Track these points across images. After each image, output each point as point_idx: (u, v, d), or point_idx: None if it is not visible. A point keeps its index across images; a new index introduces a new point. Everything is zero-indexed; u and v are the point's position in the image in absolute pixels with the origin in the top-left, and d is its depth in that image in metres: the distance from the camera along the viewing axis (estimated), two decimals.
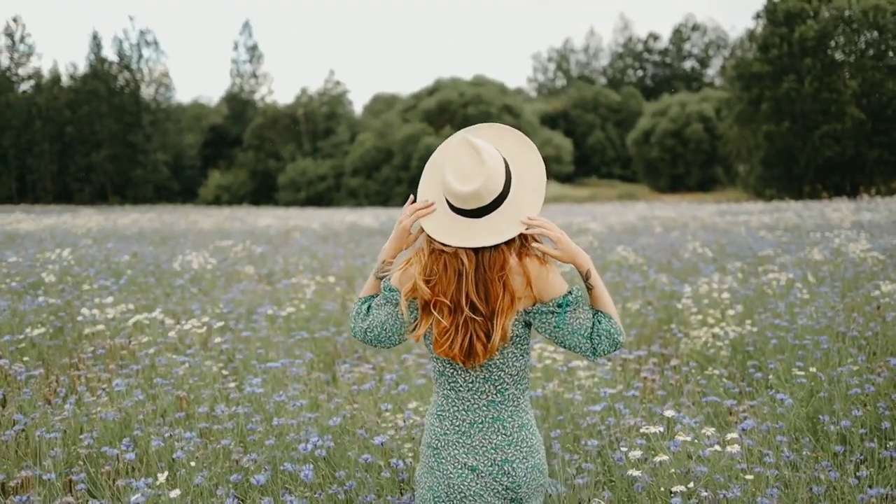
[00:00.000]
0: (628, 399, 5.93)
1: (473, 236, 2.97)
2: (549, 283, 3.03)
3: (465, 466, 3.07)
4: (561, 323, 3.02)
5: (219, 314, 9.31)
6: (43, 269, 11.39)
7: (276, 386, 6.37)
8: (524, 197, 3.04)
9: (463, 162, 2.96)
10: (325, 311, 9.66)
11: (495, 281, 2.98)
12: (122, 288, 10.92)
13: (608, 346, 3.05)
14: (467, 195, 2.95)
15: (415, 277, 3.05)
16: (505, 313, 2.97)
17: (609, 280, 11.08)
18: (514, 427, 3.09)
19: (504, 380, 3.08)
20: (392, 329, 3.17)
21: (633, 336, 8.41)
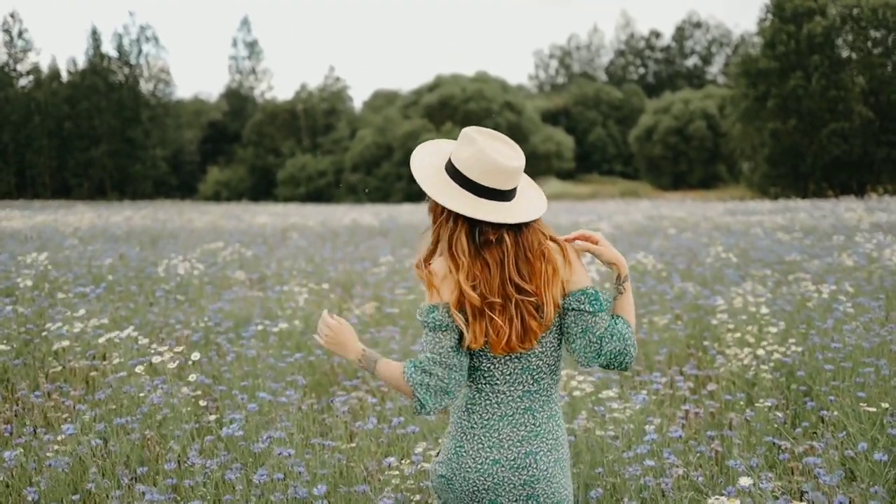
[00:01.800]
0: (672, 440, 5.09)
1: (516, 213, 2.97)
2: (580, 268, 3.03)
3: (488, 459, 3.01)
4: (588, 323, 2.97)
5: (204, 327, 8.46)
6: (19, 274, 10.53)
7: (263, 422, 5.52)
8: (527, 188, 3.13)
9: (497, 144, 3.00)
10: None
11: (536, 256, 2.96)
12: (101, 296, 10.07)
13: (617, 350, 2.98)
14: (514, 169, 2.96)
15: (459, 285, 2.95)
16: (550, 283, 2.96)
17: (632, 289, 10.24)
18: (543, 417, 3.05)
19: (542, 369, 3.04)
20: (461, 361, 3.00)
21: (664, 354, 7.56)
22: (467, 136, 3.03)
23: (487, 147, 2.98)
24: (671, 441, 5.12)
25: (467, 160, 2.99)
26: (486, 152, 2.96)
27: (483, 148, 2.97)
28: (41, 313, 8.97)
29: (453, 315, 2.94)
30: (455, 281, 2.96)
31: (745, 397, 6.31)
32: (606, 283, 10.25)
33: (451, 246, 2.98)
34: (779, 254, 13.63)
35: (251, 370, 6.74)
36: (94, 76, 77.23)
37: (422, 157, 3.16)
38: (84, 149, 76.19)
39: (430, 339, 2.98)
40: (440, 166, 3.09)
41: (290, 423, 5.17)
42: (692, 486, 4.68)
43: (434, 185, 3.03)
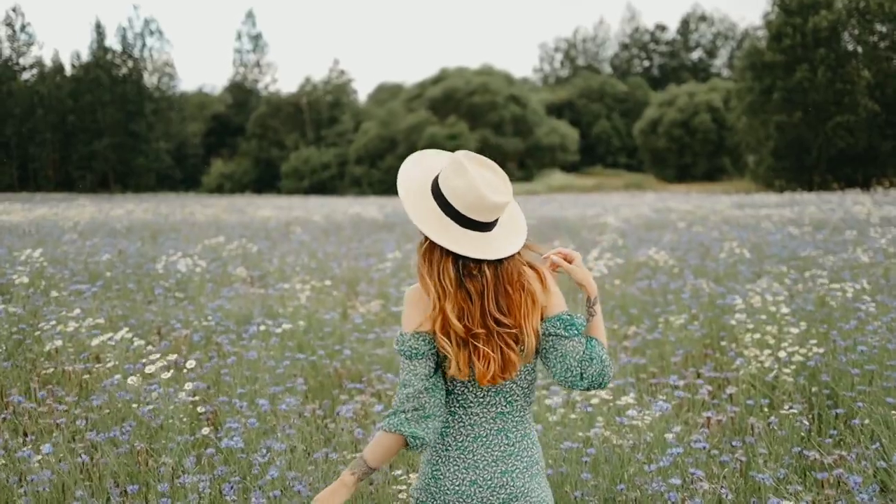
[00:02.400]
0: (695, 451, 4.81)
1: (496, 248, 2.97)
2: (557, 292, 3.06)
3: (465, 481, 3.01)
4: (566, 348, 2.99)
5: (204, 326, 8.17)
6: (13, 270, 10.24)
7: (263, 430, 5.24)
8: (512, 208, 3.12)
9: (487, 175, 2.98)
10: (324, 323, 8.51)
11: (515, 289, 2.96)
12: (97, 294, 9.78)
13: (597, 372, 3.00)
14: (500, 205, 2.95)
15: (445, 313, 2.93)
16: (530, 315, 2.96)
17: (645, 287, 9.92)
18: (516, 437, 3.07)
19: (515, 392, 3.05)
20: (438, 384, 3.01)
21: (680, 356, 7.27)
22: (459, 165, 2.98)
23: (478, 180, 2.94)
24: (693, 451, 4.84)
25: (455, 190, 2.96)
26: (476, 186, 2.93)
27: (473, 181, 2.94)
28: (35, 312, 8.70)
29: (439, 341, 2.95)
30: (440, 308, 2.95)
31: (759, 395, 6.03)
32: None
33: (438, 274, 2.97)
34: (792, 249, 13.33)
35: (251, 374, 6.45)
36: (98, 69, 77.16)
37: (408, 177, 3.10)
38: (87, 142, 76.11)
39: (408, 368, 2.98)
40: (426, 187, 3.06)
41: (292, 430, 4.90)
42: (719, 502, 4.41)
43: (419, 214, 3.00)
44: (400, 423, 2.94)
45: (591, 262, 10.63)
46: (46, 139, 75.51)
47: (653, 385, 6.53)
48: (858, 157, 53.59)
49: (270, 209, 30.24)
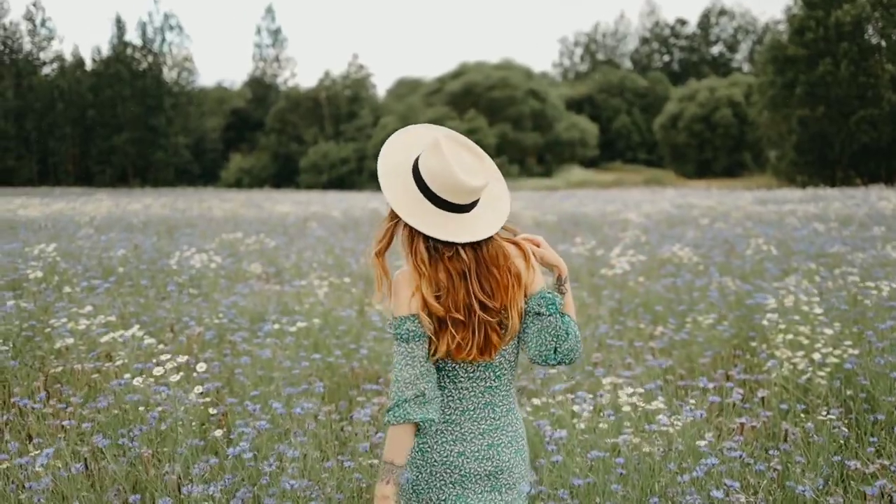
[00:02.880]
0: (728, 459, 4.56)
1: (473, 230, 2.95)
2: (538, 268, 3.08)
3: (453, 452, 3.04)
4: (544, 325, 3.02)
5: (217, 324, 7.96)
6: (26, 265, 10.07)
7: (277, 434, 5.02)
8: (495, 188, 3.08)
9: (465, 158, 2.94)
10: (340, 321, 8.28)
11: (502, 272, 2.98)
12: (110, 290, 9.57)
13: (570, 348, 3.03)
14: (475, 189, 2.92)
15: (422, 293, 2.94)
16: (515, 297, 2.98)
17: (669, 284, 9.65)
18: (502, 411, 3.09)
19: (503, 366, 3.08)
20: (432, 367, 3.01)
21: (709, 357, 7.01)
22: (436, 146, 2.95)
23: (452, 161, 2.91)
24: (727, 460, 4.59)
25: (430, 171, 2.94)
26: (450, 167, 2.90)
27: (447, 162, 2.91)
28: (46, 308, 8.51)
29: (422, 320, 2.94)
30: (417, 287, 2.96)
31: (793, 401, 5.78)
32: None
33: (411, 254, 2.99)
34: (819, 245, 13.03)
35: (265, 374, 6.24)
36: (118, 64, 77.44)
37: (392, 149, 3.08)
38: (107, 136, 76.38)
39: (404, 352, 2.96)
40: (407, 165, 3.03)
41: (306, 437, 4.68)
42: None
43: (392, 188, 2.99)
44: (407, 412, 2.92)
45: (613, 258, 10.39)
46: (66, 134, 75.89)
47: (681, 388, 6.28)
48: (882, 151, 52.96)
49: (289, 204, 30.03)
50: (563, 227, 17.95)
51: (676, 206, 25.30)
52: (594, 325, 7.98)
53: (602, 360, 6.76)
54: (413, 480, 3.06)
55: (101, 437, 4.77)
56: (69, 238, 15.01)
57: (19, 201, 29.11)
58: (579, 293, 9.27)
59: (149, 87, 77.60)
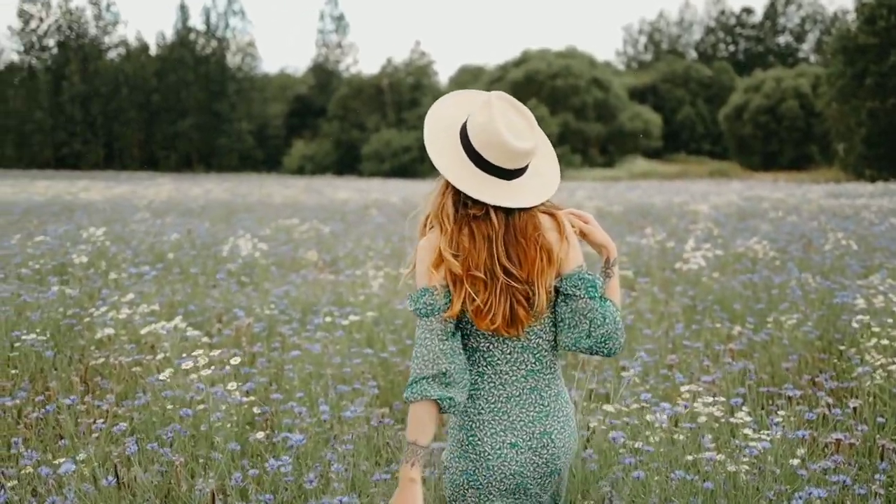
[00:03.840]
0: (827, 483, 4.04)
1: (513, 196, 2.81)
2: (575, 244, 2.90)
3: (505, 444, 2.89)
4: (580, 307, 2.85)
5: (267, 315, 7.56)
6: (75, 250, 9.77)
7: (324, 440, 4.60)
8: (542, 164, 2.96)
9: (514, 120, 2.82)
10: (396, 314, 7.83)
11: (529, 243, 2.83)
12: (158, 277, 9.22)
13: (606, 334, 2.86)
14: (522, 152, 2.81)
15: (440, 251, 2.79)
16: (544, 273, 2.82)
17: (746, 281, 9.06)
18: (550, 396, 2.96)
19: (543, 346, 2.94)
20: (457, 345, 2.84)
21: (794, 361, 6.46)
22: (486, 102, 2.85)
23: (499, 120, 2.79)
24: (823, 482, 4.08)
25: (476, 127, 2.83)
26: (496, 126, 2.79)
27: (494, 120, 2.79)
28: (91, 295, 8.19)
29: (439, 290, 2.79)
30: (437, 250, 2.82)
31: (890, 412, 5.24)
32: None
33: (437, 208, 2.87)
34: None
35: (314, 370, 5.81)
36: (182, 49, 78.26)
37: (442, 105, 3.01)
38: (171, 121, 77.27)
39: (424, 327, 2.82)
40: (456, 123, 2.93)
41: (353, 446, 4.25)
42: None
43: (436, 142, 2.89)
44: (424, 389, 2.75)
45: (688, 252, 9.84)
46: (131, 118, 76.83)
47: (763, 394, 5.75)
48: None
49: (349, 191, 29.72)
50: (630, 218, 17.37)
51: (745, 199, 24.56)
52: (667, 323, 7.45)
53: (677, 362, 6.25)
54: (468, 474, 2.90)
55: (133, 441, 4.39)
56: (124, 222, 14.78)
57: (82, 184, 29.15)
58: (650, 289, 8.74)
59: (212, 73, 78.31)
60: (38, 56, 79.36)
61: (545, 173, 2.96)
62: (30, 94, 76.87)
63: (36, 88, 77.04)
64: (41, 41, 79.32)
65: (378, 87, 78.09)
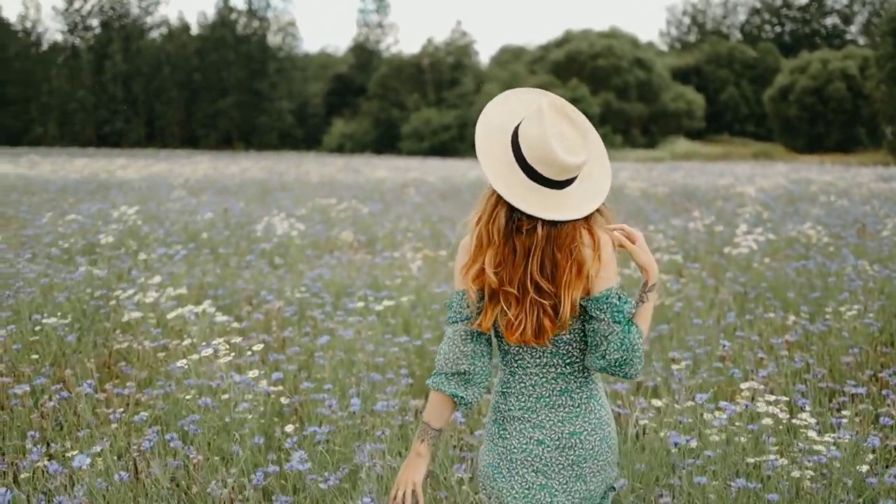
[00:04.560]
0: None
1: (560, 208, 2.78)
2: (608, 263, 2.82)
3: (532, 440, 2.91)
4: (602, 329, 2.81)
5: (299, 298, 7.26)
6: (105, 229, 9.54)
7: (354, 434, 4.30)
8: (595, 168, 2.89)
9: (565, 131, 2.77)
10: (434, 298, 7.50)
11: (564, 254, 2.80)
12: (189, 257, 8.93)
13: (620, 360, 2.81)
14: (573, 167, 2.76)
15: (482, 264, 2.81)
16: (572, 285, 2.78)
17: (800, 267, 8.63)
18: (582, 398, 2.93)
19: (572, 353, 2.91)
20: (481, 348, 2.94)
21: (855, 354, 6.07)
22: (539, 114, 2.79)
23: (551, 134, 2.75)
24: None
25: (528, 139, 2.79)
26: (547, 140, 2.75)
27: (546, 134, 2.75)
28: (120, 276, 7.94)
29: (470, 296, 2.85)
30: (478, 256, 2.85)
31: None
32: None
33: (489, 220, 2.84)
34: None
35: (346, 358, 5.50)
36: (223, 29, 78.36)
37: (495, 111, 2.94)
38: (212, 100, 77.38)
39: (450, 331, 2.93)
40: (508, 129, 2.88)
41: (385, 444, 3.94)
42: None
43: (487, 152, 2.86)
44: (440, 383, 2.92)
45: (739, 236, 9.43)
46: (173, 97, 77.17)
47: (822, 390, 5.37)
48: None
49: (387, 170, 29.37)
50: (675, 200, 16.91)
51: (792, 182, 23.97)
52: (718, 311, 7.06)
53: (730, 353, 5.88)
54: (493, 466, 2.96)
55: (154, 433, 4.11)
56: (159, 200, 14.56)
57: (119, 162, 29.04)
58: (699, 274, 8.35)
59: (253, 52, 78.35)
60: (81, 36, 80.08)
61: (596, 178, 2.90)
62: (73, 73, 77.57)
63: (79, 68, 77.74)
64: (84, 21, 80.00)
65: (418, 66, 77.70)
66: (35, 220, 11.29)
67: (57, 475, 3.56)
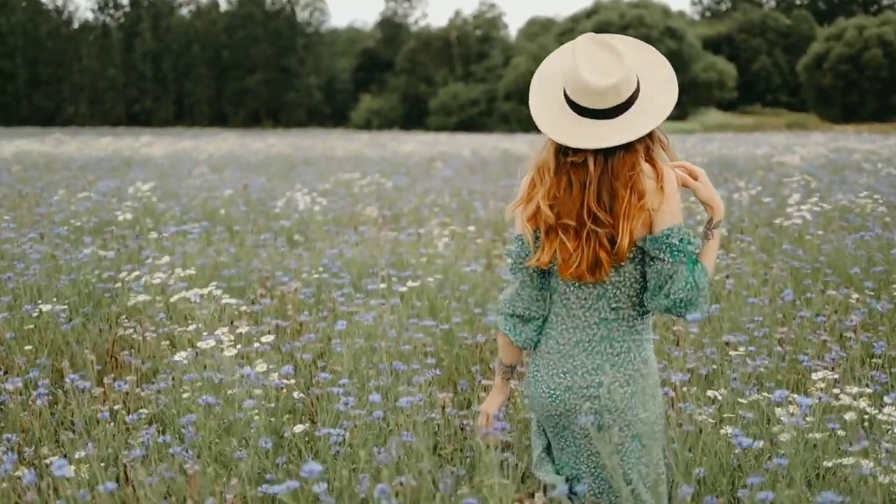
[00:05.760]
0: None
1: (605, 136, 2.75)
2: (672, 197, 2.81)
3: (560, 386, 2.96)
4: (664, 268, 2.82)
5: (317, 280, 6.75)
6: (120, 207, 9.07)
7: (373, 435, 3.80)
8: (658, 92, 2.85)
9: (598, 56, 2.76)
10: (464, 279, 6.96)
11: (622, 184, 2.78)
12: (204, 235, 8.40)
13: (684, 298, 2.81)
14: (606, 89, 2.73)
15: (537, 202, 2.86)
16: (631, 215, 2.76)
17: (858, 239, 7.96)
18: (622, 347, 2.94)
19: (620, 298, 2.91)
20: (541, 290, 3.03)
21: None
22: (572, 47, 2.86)
23: (580, 61, 2.77)
24: None
25: (565, 74, 2.85)
26: (577, 70, 2.76)
27: (576, 64, 2.77)
28: (130, 256, 7.47)
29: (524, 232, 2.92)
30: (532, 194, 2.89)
31: None
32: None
33: (540, 160, 2.89)
34: None
35: (366, 345, 4.98)
36: (251, 5, 78.28)
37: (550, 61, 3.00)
38: (240, 77, 77.67)
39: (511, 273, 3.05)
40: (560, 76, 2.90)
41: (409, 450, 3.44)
42: None
43: (537, 96, 2.92)
44: (499, 322, 3.11)
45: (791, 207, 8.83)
46: (202, 75, 77.65)
47: None
48: None
49: (414, 144, 28.82)
50: (713, 171, 16.25)
51: (832, 151, 23.22)
52: (772, 289, 6.46)
53: (789, 336, 5.32)
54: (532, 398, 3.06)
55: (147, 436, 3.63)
56: (179, 177, 14.10)
57: (145, 139, 28.67)
58: (748, 248, 7.76)
59: (281, 28, 78.49)
60: (111, 14, 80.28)
61: (660, 104, 2.84)
62: (103, 51, 77.91)
63: (109, 46, 78.10)
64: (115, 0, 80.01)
65: (446, 40, 77.21)
66: (49, 197, 10.85)
67: (29, 487, 3.07)
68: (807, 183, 12.11)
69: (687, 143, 30.86)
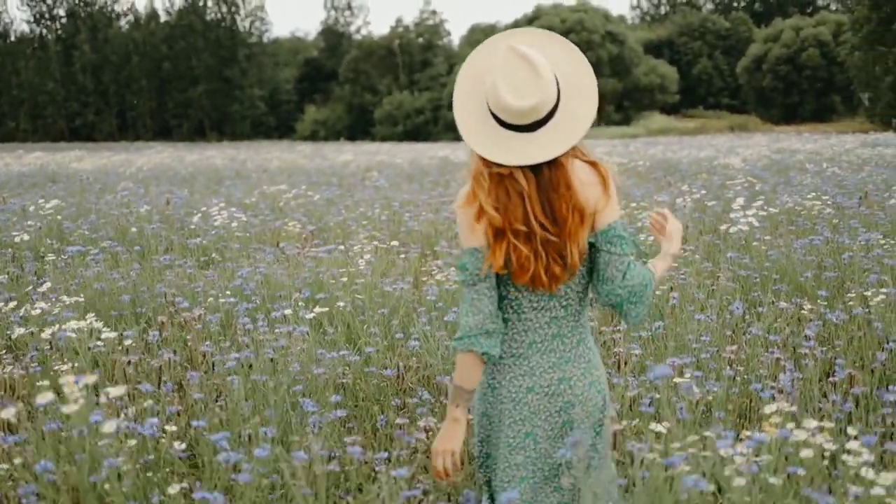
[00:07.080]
0: None
1: (527, 153, 2.78)
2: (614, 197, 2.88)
3: (521, 388, 2.95)
4: (613, 259, 2.87)
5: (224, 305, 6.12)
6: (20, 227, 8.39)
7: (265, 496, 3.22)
8: (577, 105, 2.85)
9: (517, 75, 2.75)
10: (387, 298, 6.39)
11: (561, 201, 2.80)
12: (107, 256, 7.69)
13: (638, 284, 2.88)
14: (526, 110, 2.74)
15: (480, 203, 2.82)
16: (577, 233, 2.82)
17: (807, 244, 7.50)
18: (573, 342, 2.98)
19: (569, 295, 2.95)
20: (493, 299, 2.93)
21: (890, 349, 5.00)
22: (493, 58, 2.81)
23: (500, 79, 2.75)
24: None
25: (487, 91, 2.82)
26: (497, 89, 2.76)
27: (496, 82, 2.76)
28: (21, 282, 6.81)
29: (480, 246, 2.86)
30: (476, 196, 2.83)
31: None
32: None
33: (474, 169, 2.87)
34: None
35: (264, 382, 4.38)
36: (191, 15, 77.50)
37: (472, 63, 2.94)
38: (182, 89, 76.78)
39: (469, 294, 2.90)
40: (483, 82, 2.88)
41: None
42: None
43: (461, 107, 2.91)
44: (471, 343, 2.89)
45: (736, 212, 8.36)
46: (143, 87, 76.86)
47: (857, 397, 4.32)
48: None
49: (353, 154, 28.18)
50: (656, 175, 15.84)
51: (775, 152, 23.02)
52: (719, 302, 5.94)
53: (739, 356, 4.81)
54: (486, 416, 3.03)
55: None
56: (99, 192, 13.36)
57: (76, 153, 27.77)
58: (692, 257, 7.28)
59: (222, 38, 77.89)
60: (48, 26, 78.77)
61: (579, 116, 2.83)
62: (41, 64, 76.66)
63: (47, 59, 76.92)
64: (51, 10, 79.05)
65: (389, 48, 76.80)
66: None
67: None
68: (751, 185, 11.71)
69: (631, 147, 30.67)
